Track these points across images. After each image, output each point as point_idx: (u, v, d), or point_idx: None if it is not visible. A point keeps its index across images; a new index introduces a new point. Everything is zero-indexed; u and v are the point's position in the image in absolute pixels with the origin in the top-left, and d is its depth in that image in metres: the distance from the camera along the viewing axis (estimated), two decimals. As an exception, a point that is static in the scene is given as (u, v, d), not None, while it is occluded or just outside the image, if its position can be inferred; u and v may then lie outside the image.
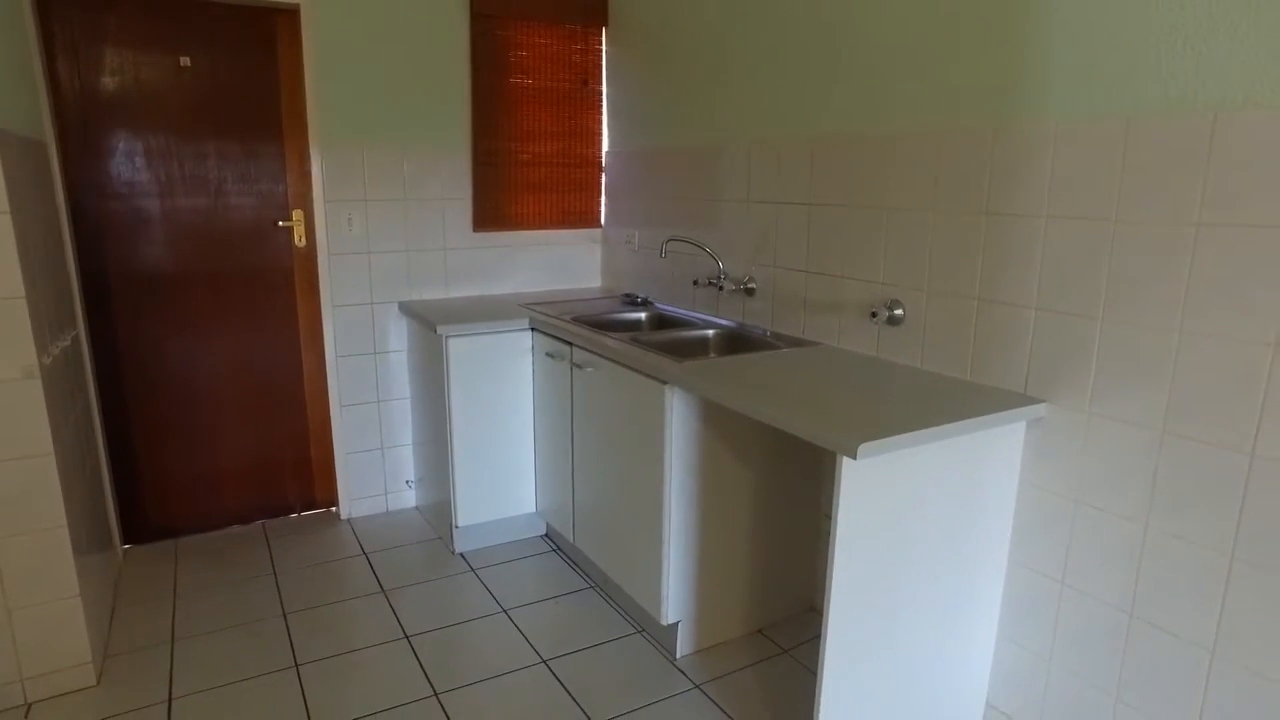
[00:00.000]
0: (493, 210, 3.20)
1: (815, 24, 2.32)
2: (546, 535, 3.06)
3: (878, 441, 1.53)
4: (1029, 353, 1.85)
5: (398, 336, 3.14)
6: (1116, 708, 1.74)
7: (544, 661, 2.27)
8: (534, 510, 2.98)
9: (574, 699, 2.11)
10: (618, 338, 2.42)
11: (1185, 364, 1.56)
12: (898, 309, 2.16)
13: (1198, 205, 1.51)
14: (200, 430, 2.96)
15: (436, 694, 2.12)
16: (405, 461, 3.26)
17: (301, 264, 3.00)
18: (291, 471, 3.15)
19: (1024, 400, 1.82)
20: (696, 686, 2.18)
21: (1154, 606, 1.65)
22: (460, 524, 2.85)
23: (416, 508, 3.29)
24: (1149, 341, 1.61)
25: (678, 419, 2.12)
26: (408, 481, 3.28)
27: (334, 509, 3.24)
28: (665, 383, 2.09)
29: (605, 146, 3.36)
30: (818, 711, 1.70)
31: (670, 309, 2.99)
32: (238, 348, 2.97)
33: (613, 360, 2.33)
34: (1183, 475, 1.58)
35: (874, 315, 2.22)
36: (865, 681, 1.74)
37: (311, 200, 2.91)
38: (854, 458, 1.52)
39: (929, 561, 1.78)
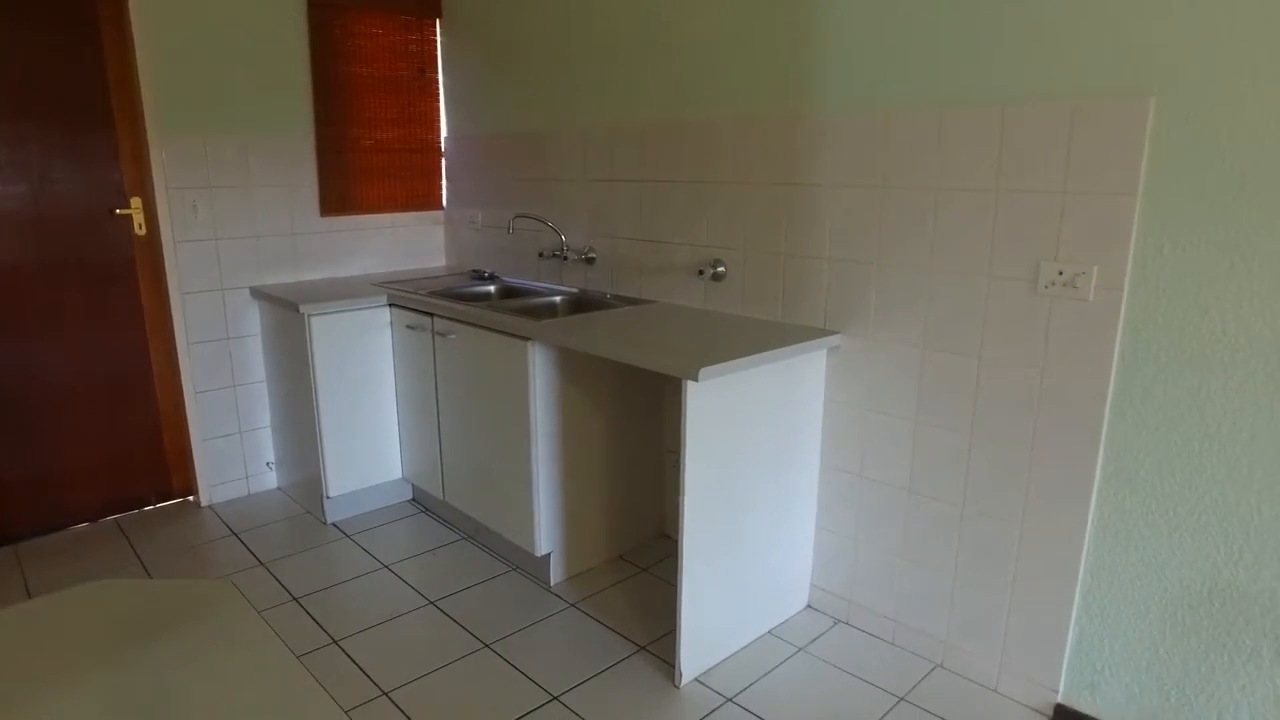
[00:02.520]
0: (339, 195, 3.31)
1: (641, 22, 2.66)
2: (414, 499, 3.25)
3: (714, 366, 1.90)
4: (825, 294, 2.30)
5: (250, 321, 3.18)
6: (903, 565, 2.24)
7: (432, 603, 2.50)
8: (400, 476, 3.16)
9: (465, 628, 2.36)
10: (476, 306, 2.66)
11: (935, 295, 2.05)
12: (720, 267, 2.56)
13: (936, 175, 2.00)
14: (34, 430, 2.88)
15: (336, 641, 2.30)
16: (265, 443, 3.31)
17: (143, 253, 2.98)
18: (144, 463, 3.13)
19: (823, 333, 2.27)
20: (572, 605, 2.49)
21: (924, 482, 2.15)
22: (331, 494, 2.98)
23: (279, 488, 3.36)
24: (910, 280, 2.10)
25: (540, 372, 2.41)
26: (268, 463, 3.34)
27: (192, 497, 3.24)
28: (528, 339, 2.37)
29: (444, 132, 3.55)
30: (680, 603, 2.06)
31: (517, 281, 3.26)
32: (76, 341, 2.91)
33: (475, 325, 2.57)
34: (938, 380, 2.08)
35: (701, 273, 2.61)
36: (714, 575, 2.13)
37: (151, 187, 2.90)
38: (696, 380, 1.88)
39: (759, 469, 2.19)
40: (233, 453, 3.24)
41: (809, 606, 2.49)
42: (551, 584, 2.60)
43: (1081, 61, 1.73)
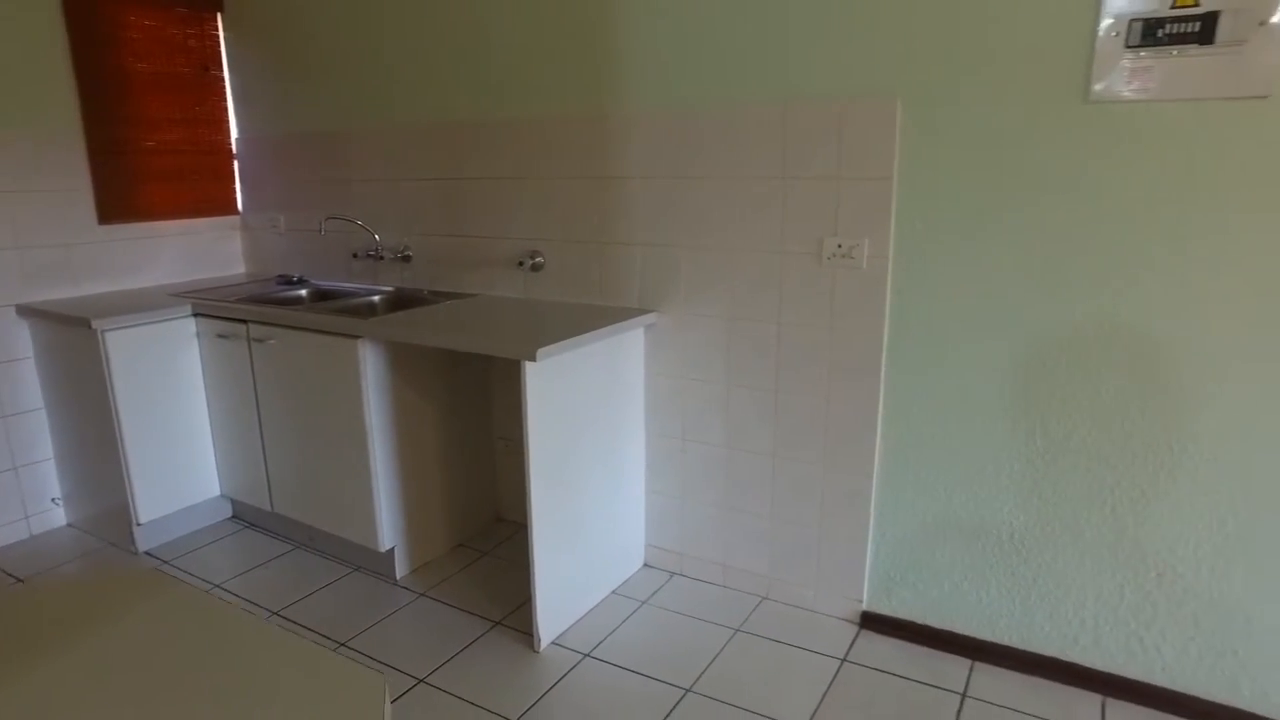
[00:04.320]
0: (119, 201, 3.07)
1: (444, 22, 2.73)
2: (235, 515, 3.11)
3: (549, 346, 2.05)
4: (639, 277, 2.51)
5: (20, 343, 2.88)
6: (727, 514, 2.51)
7: (275, 613, 2.44)
8: (219, 493, 3.01)
9: (316, 632, 2.34)
10: (291, 310, 2.61)
11: (736, 271, 2.32)
12: (539, 257, 2.70)
13: (731, 165, 2.27)
14: None
15: (172, 664, 2.19)
16: (48, 477, 3.01)
17: (-121, 273, 2.61)
18: (-103, 513, 2.74)
19: (640, 311, 2.48)
20: (422, 595, 2.54)
21: (739, 437, 2.43)
22: (141, 521, 2.79)
23: (71, 524, 3.07)
24: (714, 259, 2.36)
25: (371, 369, 2.43)
26: (54, 499, 3.04)
27: (-39, 546, 2.89)
28: (357, 337, 2.39)
29: (235, 133, 3.39)
30: (533, 573, 2.19)
31: (329, 283, 3.20)
32: None
33: (298, 328, 2.53)
34: (744, 347, 2.36)
35: (520, 264, 2.74)
36: (561, 545, 2.28)
37: (-115, 199, 2.55)
38: (534, 360, 2.02)
39: (593, 442, 2.36)
40: (8, 492, 2.92)
41: (646, 565, 2.71)
42: (398, 578, 2.62)
43: (846, 68, 2.05)
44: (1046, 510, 2.03)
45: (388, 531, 2.56)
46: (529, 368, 2.05)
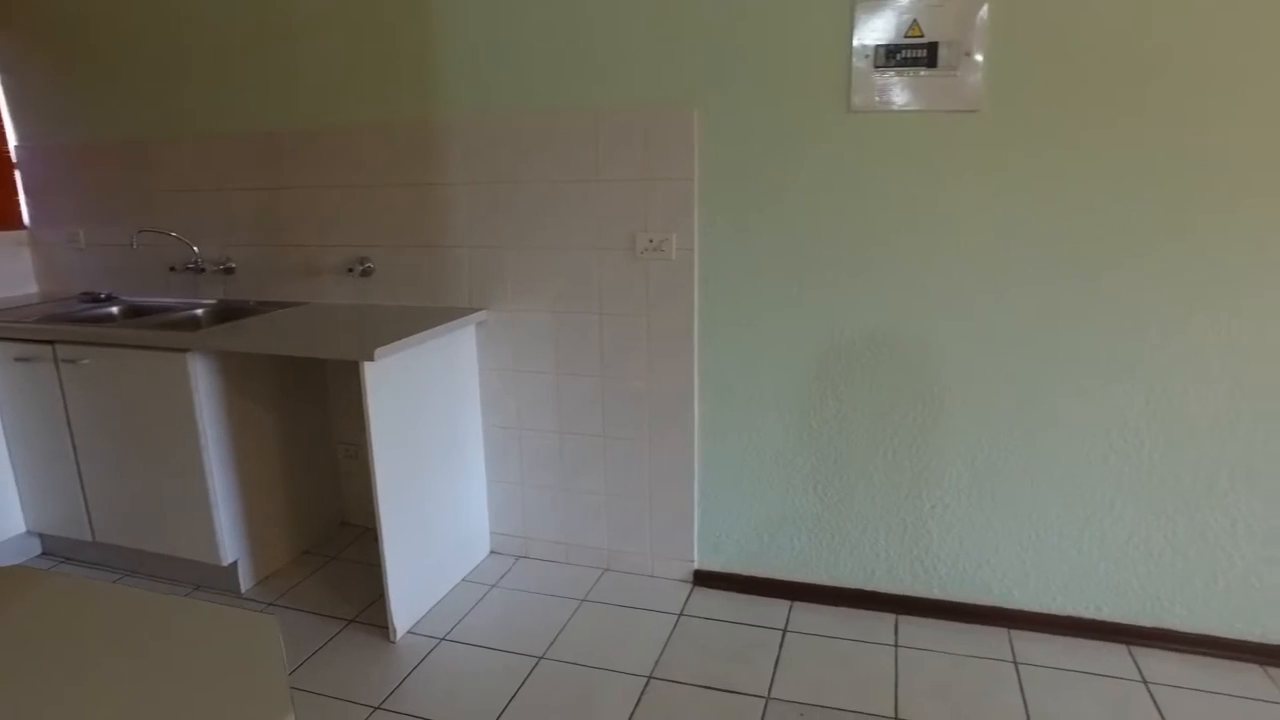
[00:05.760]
0: (-119, 219, 2.79)
1: (254, 29, 2.70)
2: (46, 552, 2.92)
3: (386, 346, 2.13)
4: (467, 278, 2.63)
5: None
6: (566, 494, 2.69)
7: (106, 642, 2.35)
8: (25, 530, 2.82)
9: (154, 654, 2.29)
10: (108, 327, 2.51)
11: (559, 268, 2.50)
12: (368, 263, 2.75)
13: (550, 170, 2.44)
14: None
15: None
16: None
17: None
18: None
19: (470, 310, 2.60)
20: (271, 604, 2.53)
21: (570, 422, 2.61)
22: (-64, 566, 2.57)
23: None
24: (537, 257, 2.52)
25: (202, 382, 2.40)
26: None
27: None
28: (186, 350, 2.35)
29: (13, 141, 3.15)
30: (385, 567, 2.27)
31: (142, 299, 3.07)
32: None
33: (117, 345, 2.44)
34: (570, 338, 2.54)
35: (350, 271, 2.77)
36: (410, 539, 2.37)
37: None
38: (372, 360, 2.10)
39: (434, 439, 2.46)
40: None
41: (493, 552, 2.84)
42: (243, 591, 2.60)
43: (650, 81, 2.28)
44: (841, 462, 2.36)
45: (229, 545, 2.53)
46: (368, 368, 2.13)
